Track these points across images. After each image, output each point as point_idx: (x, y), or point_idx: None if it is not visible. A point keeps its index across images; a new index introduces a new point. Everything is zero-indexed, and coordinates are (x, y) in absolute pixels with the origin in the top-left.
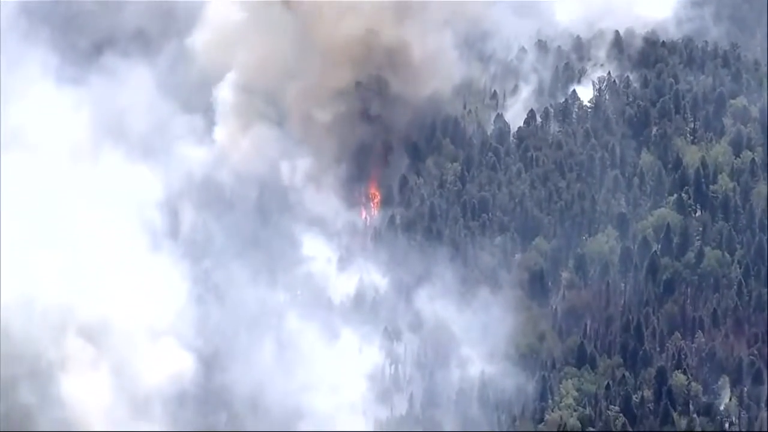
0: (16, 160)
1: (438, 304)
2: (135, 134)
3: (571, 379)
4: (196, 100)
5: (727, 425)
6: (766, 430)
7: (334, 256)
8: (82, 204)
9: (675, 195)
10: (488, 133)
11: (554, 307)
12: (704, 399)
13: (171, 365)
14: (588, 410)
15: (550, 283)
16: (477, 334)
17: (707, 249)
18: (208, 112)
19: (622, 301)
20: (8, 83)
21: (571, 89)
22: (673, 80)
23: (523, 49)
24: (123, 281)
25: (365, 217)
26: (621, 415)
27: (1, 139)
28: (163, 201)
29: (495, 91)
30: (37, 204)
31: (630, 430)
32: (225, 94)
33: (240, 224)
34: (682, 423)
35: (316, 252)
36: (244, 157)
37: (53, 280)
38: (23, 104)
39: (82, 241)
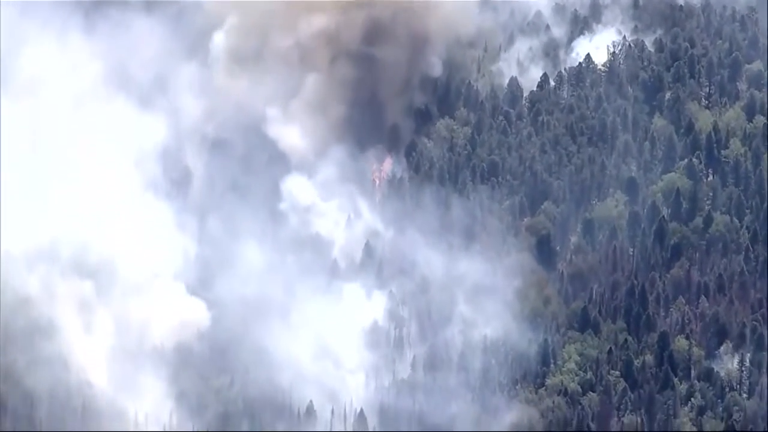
0: (19, 107)
1: (443, 267)
2: (137, 82)
3: (573, 343)
4: (198, 47)
5: (727, 390)
6: (766, 395)
7: (341, 216)
8: (83, 152)
9: (686, 160)
10: (500, 97)
11: (561, 271)
12: (706, 364)
13: (175, 318)
14: (589, 375)
15: (558, 248)
16: (482, 297)
17: (716, 214)
18: (207, 59)
19: (630, 266)
20: (13, 32)
21: (586, 53)
22: (688, 44)
23: (539, 12)
24: (122, 228)
25: (375, 180)
26: (621, 379)
27: (2, 86)
28: (166, 149)
29: (509, 53)
30: (38, 153)
31: (630, 394)
32: (224, 40)
33: (242, 175)
34: (683, 388)
35: (320, 210)
36: (243, 105)
37: (54, 225)
38: (28, 53)
39: (81, 190)
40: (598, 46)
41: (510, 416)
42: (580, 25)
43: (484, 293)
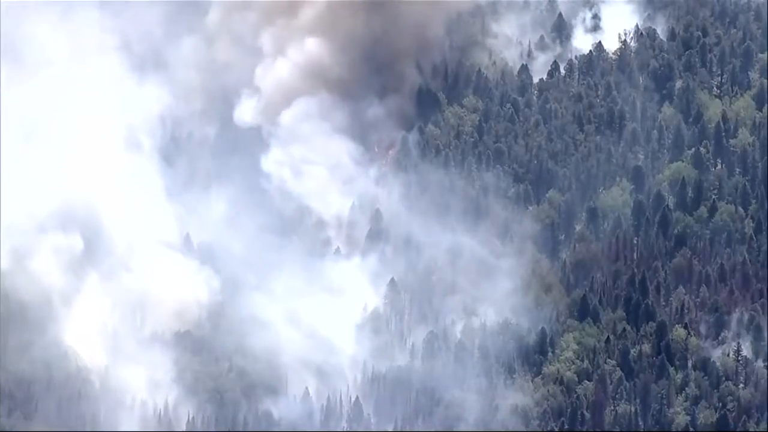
0: (20, 79)
1: (444, 253)
2: (137, 53)
3: (572, 332)
4: (196, 20)
5: (723, 380)
6: (765, 384)
7: (345, 199)
8: (81, 119)
9: (693, 149)
10: (509, 85)
11: (564, 259)
12: (702, 354)
13: (171, 300)
14: (585, 363)
15: (562, 236)
16: (483, 284)
17: (721, 204)
18: (204, 31)
19: (633, 255)
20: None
21: (597, 41)
22: (701, 33)
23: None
24: (114, 199)
25: (381, 166)
26: (618, 368)
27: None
28: (163, 120)
29: (521, 41)
30: (36, 126)
31: (625, 384)
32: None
33: (239, 148)
34: (678, 378)
35: (323, 196)
36: (242, 70)
37: (49, 197)
38: (30, 24)
39: (75, 160)
40: (609, 33)
41: (506, 404)
42: (593, 11)
43: (485, 280)
